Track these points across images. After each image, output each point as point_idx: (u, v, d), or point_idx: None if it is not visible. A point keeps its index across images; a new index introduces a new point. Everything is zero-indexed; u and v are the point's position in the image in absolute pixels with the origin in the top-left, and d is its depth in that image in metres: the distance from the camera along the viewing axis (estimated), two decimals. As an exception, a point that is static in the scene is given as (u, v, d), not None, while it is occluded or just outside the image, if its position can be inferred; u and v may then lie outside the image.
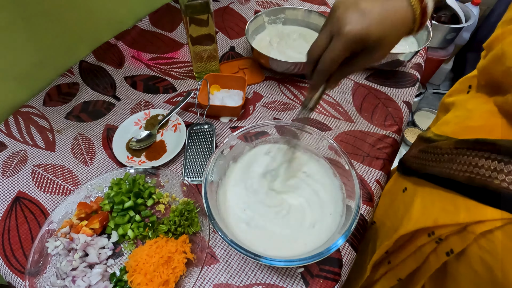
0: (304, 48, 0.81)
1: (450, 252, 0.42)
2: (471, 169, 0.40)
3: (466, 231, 0.40)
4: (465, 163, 0.40)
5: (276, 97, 0.76)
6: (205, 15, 0.65)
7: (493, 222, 0.37)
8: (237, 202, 0.52)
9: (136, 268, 0.48)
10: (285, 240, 0.48)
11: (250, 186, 0.53)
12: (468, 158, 0.40)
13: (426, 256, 0.46)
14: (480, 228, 0.38)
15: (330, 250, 0.41)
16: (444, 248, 0.43)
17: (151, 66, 0.83)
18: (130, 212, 0.55)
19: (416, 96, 1.79)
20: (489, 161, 0.38)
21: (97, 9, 0.81)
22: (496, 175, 0.37)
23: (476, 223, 0.39)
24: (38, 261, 0.51)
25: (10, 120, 0.70)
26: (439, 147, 0.46)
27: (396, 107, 0.74)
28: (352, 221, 0.44)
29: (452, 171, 0.42)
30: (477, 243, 0.40)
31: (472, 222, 0.39)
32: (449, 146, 0.44)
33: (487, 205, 0.38)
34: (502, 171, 0.36)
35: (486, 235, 0.38)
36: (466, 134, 0.43)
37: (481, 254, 0.40)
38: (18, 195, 0.60)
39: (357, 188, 0.46)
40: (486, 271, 0.40)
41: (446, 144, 0.45)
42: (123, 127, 0.68)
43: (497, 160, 0.37)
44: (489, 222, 0.38)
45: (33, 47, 0.71)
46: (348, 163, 0.49)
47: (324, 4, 1.01)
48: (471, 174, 0.39)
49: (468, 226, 0.39)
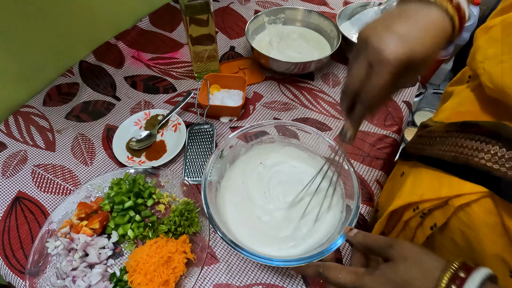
0: (304, 48, 0.81)
1: (433, 226, 0.46)
2: (457, 149, 0.43)
3: (447, 205, 0.44)
4: (452, 144, 0.44)
5: (276, 97, 0.76)
6: (205, 15, 0.65)
7: (470, 196, 0.41)
8: (237, 203, 0.52)
9: (136, 268, 0.48)
10: (284, 240, 0.48)
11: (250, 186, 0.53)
12: (455, 139, 0.44)
13: (414, 231, 0.50)
14: (458, 201, 0.42)
15: (330, 249, 0.41)
16: (428, 223, 0.47)
17: (151, 66, 0.83)
18: (130, 212, 0.55)
19: (416, 96, 1.79)
20: (473, 142, 0.42)
21: (97, 9, 0.81)
22: (477, 154, 0.40)
23: (455, 197, 0.42)
24: (38, 261, 0.51)
25: (10, 120, 0.70)
26: (432, 131, 0.50)
27: (396, 107, 0.74)
28: (351, 221, 0.44)
29: (441, 151, 0.46)
30: (457, 216, 0.43)
31: (452, 196, 0.42)
32: (441, 129, 0.48)
33: (467, 181, 0.42)
34: (483, 150, 0.40)
35: (464, 208, 0.42)
36: (457, 119, 0.46)
37: (460, 227, 0.43)
38: (18, 195, 0.60)
39: (356, 187, 0.47)
40: (465, 243, 0.43)
41: (438, 128, 0.49)
42: (123, 127, 0.68)
43: (479, 140, 0.41)
44: (467, 195, 0.41)
45: (33, 47, 0.71)
46: (347, 163, 0.49)
47: (324, 4, 1.01)
48: (456, 153, 0.43)
49: (449, 200, 0.43)
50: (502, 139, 0.38)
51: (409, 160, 0.56)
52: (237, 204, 0.52)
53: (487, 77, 0.40)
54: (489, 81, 0.40)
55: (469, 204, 0.42)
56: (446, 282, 0.30)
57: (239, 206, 0.52)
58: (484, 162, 0.39)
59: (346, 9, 0.85)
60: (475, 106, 0.46)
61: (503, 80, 0.38)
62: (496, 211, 0.40)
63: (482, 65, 0.41)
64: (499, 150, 0.38)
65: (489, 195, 0.40)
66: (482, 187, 0.40)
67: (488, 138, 0.40)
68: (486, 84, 0.41)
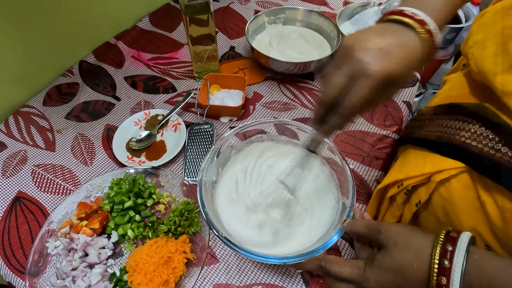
0: (304, 48, 0.81)
1: (418, 202, 0.48)
2: (441, 129, 0.46)
3: (430, 181, 0.46)
4: (438, 125, 0.47)
5: (276, 97, 0.76)
6: (205, 15, 0.65)
7: (450, 171, 0.43)
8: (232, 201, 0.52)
9: (136, 268, 0.48)
10: (280, 237, 0.48)
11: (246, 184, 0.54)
12: (442, 121, 0.47)
13: (402, 208, 0.52)
14: (439, 177, 0.44)
15: (326, 246, 0.42)
16: (414, 200, 0.49)
17: (151, 66, 0.83)
18: (130, 212, 0.55)
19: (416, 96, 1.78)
20: (456, 122, 0.44)
21: (97, 9, 0.81)
22: (459, 132, 0.43)
23: (437, 173, 0.44)
24: (38, 261, 0.51)
25: (10, 120, 0.70)
26: (423, 113, 0.53)
27: (396, 107, 0.74)
28: (348, 213, 0.44)
29: (427, 132, 0.48)
30: (438, 192, 0.45)
31: (434, 172, 0.45)
32: (430, 112, 0.51)
33: (448, 158, 0.44)
34: (464, 129, 0.42)
35: (445, 183, 0.44)
36: (446, 102, 0.48)
37: (442, 203, 0.45)
38: (18, 195, 0.60)
39: (350, 184, 0.47)
40: (445, 218, 0.46)
41: (428, 110, 0.52)
42: (123, 127, 0.68)
43: (462, 121, 0.43)
44: (447, 170, 0.43)
45: (33, 47, 0.71)
46: (341, 160, 0.50)
47: (324, 4, 1.01)
48: (440, 133, 0.46)
49: (431, 176, 0.45)
50: (481, 119, 0.41)
51: (403, 145, 0.58)
52: (233, 202, 0.52)
53: (473, 61, 0.43)
54: (474, 65, 0.42)
55: (448, 179, 0.44)
56: (438, 258, 0.32)
57: (235, 204, 0.52)
58: (464, 139, 0.42)
59: (346, 9, 0.85)
60: (464, 90, 0.48)
61: (484, 65, 0.40)
62: (473, 186, 0.42)
63: (472, 50, 0.43)
64: (479, 129, 0.41)
65: (466, 171, 0.42)
66: (460, 163, 0.42)
67: (470, 119, 0.42)
68: (472, 68, 0.43)
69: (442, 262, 0.32)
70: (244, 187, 0.54)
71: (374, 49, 0.33)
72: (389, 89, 0.36)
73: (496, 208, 0.39)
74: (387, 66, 0.32)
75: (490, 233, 0.41)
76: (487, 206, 0.40)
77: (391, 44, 0.33)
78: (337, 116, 0.36)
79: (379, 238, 0.37)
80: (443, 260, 0.32)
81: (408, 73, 0.34)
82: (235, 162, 0.57)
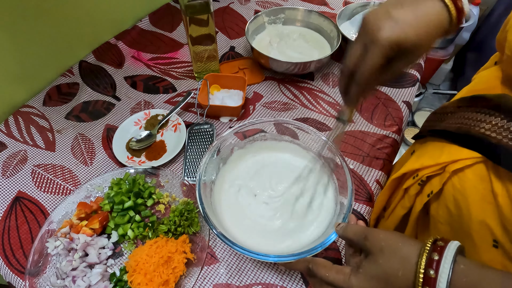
0: (304, 48, 0.81)
1: (430, 193, 0.48)
2: (462, 120, 0.46)
3: (444, 171, 0.46)
4: (460, 117, 0.47)
5: (276, 97, 0.76)
6: (205, 15, 0.65)
7: (465, 161, 0.43)
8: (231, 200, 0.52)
9: (136, 268, 0.48)
10: (280, 236, 0.48)
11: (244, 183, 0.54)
12: (464, 113, 0.46)
13: (413, 200, 0.52)
14: (454, 166, 0.44)
15: (324, 245, 0.42)
16: (426, 191, 0.49)
17: (151, 66, 0.83)
18: (130, 212, 0.55)
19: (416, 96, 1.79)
20: (478, 114, 0.44)
21: (97, 9, 0.81)
22: (479, 124, 0.43)
23: (452, 162, 0.44)
24: (38, 261, 0.51)
25: (10, 120, 0.70)
26: (446, 106, 0.53)
27: (396, 107, 0.74)
28: (345, 215, 0.44)
29: (448, 124, 0.48)
30: (451, 182, 0.46)
31: (449, 162, 0.45)
32: (453, 105, 0.51)
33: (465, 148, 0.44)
34: (485, 121, 0.42)
35: (458, 173, 0.44)
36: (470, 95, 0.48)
37: (454, 193, 0.45)
38: (18, 195, 0.60)
39: (349, 182, 0.47)
40: (456, 209, 0.45)
41: (451, 104, 0.52)
42: (123, 127, 0.68)
43: (484, 113, 0.43)
44: (462, 160, 0.43)
45: (33, 47, 0.71)
46: (341, 160, 0.50)
47: (324, 4, 1.01)
48: (461, 124, 0.46)
49: (446, 166, 0.45)
50: (502, 110, 0.41)
51: (422, 138, 0.58)
52: (231, 201, 0.52)
53: (508, 45, 0.42)
54: (509, 49, 0.42)
55: (463, 169, 0.44)
56: (424, 267, 0.31)
57: (234, 203, 0.52)
58: (483, 131, 0.42)
59: (346, 9, 0.85)
60: (489, 83, 0.48)
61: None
62: (487, 177, 0.42)
63: (508, 34, 0.42)
64: (500, 122, 0.40)
65: (482, 161, 0.42)
66: (477, 153, 0.42)
67: (493, 111, 0.42)
68: (506, 53, 0.42)
69: (427, 272, 0.31)
70: (244, 186, 0.54)
71: (386, 18, 0.34)
72: (404, 58, 0.36)
73: (508, 200, 0.39)
74: (396, 33, 0.33)
75: (499, 227, 0.41)
76: (499, 198, 0.40)
77: (406, 13, 0.34)
78: (355, 85, 0.38)
79: (365, 244, 0.37)
80: (428, 269, 0.31)
81: (422, 41, 0.35)
82: (235, 161, 0.57)
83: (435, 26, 0.35)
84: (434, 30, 0.35)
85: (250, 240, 0.47)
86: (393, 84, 0.78)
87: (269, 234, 0.49)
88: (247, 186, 0.54)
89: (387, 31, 0.34)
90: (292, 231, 0.49)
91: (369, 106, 0.74)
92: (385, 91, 0.77)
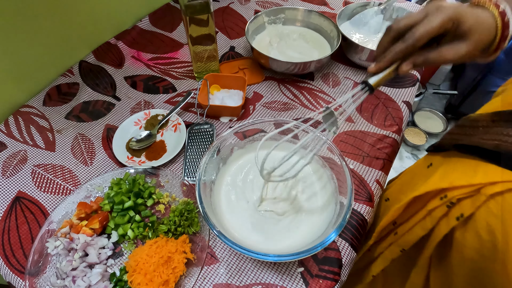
0: (304, 48, 0.81)
1: (460, 216, 0.44)
2: (500, 137, 0.42)
3: (479, 193, 0.42)
4: (497, 133, 0.43)
5: (276, 97, 0.76)
6: (205, 15, 0.65)
7: (506, 184, 0.39)
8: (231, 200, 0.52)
9: (136, 268, 0.48)
10: (279, 236, 0.49)
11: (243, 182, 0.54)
12: (501, 129, 0.43)
13: (436, 221, 0.47)
14: (492, 189, 0.40)
15: (324, 244, 0.42)
16: (455, 213, 0.44)
17: (151, 66, 0.83)
18: (130, 212, 0.55)
19: (416, 96, 1.79)
20: None
21: (97, 9, 0.81)
22: None
23: (490, 185, 0.40)
24: (38, 261, 0.51)
25: (10, 120, 0.70)
26: (476, 120, 0.49)
27: (396, 107, 0.74)
28: (345, 215, 0.44)
29: (482, 140, 0.45)
30: (486, 206, 0.41)
31: (486, 183, 0.41)
32: (486, 118, 0.47)
33: (505, 169, 0.40)
34: None
35: (496, 197, 0.40)
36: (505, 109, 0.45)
37: (487, 218, 0.41)
38: (18, 195, 0.60)
39: (349, 182, 0.47)
40: (489, 235, 0.41)
41: (483, 117, 0.47)
42: (123, 127, 0.68)
43: None
44: (501, 183, 0.40)
45: (33, 47, 0.71)
46: (340, 160, 0.49)
47: (324, 4, 1.01)
48: (500, 141, 0.42)
49: (482, 188, 0.41)
50: None
51: (441, 151, 0.55)
52: (231, 201, 0.52)
53: None
54: None
55: (502, 193, 0.40)
56: None
57: (233, 203, 0.52)
58: None
59: (346, 9, 0.85)
60: None
61: None
62: None
63: None
64: None
65: None
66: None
67: None
68: None
69: None
70: (244, 185, 0.54)
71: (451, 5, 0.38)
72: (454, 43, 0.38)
73: None
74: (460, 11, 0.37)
75: None
76: None
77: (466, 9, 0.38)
78: (401, 42, 0.39)
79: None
80: None
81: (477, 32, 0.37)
82: (235, 161, 0.57)
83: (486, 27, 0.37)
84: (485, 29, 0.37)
85: (250, 240, 0.47)
86: (393, 84, 0.78)
87: (269, 233, 0.49)
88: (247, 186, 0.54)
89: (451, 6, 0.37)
90: (292, 231, 0.49)
91: (369, 106, 0.74)
92: (385, 91, 0.77)
